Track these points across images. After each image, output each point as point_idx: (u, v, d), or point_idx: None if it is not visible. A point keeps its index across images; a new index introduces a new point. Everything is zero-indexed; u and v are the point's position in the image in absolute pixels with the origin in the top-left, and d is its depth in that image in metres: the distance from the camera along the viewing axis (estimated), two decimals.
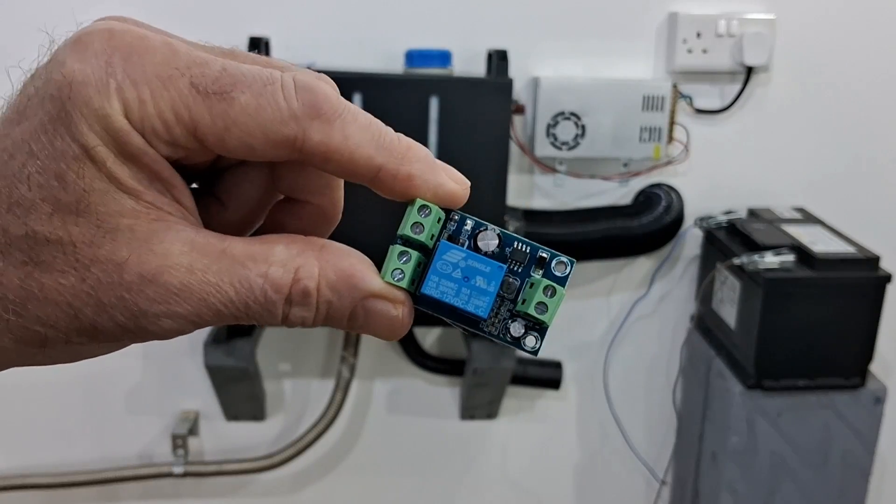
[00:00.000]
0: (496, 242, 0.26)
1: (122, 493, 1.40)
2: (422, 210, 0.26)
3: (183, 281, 0.23)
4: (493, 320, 0.27)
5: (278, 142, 0.24)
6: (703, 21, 1.22)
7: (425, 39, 1.20)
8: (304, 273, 0.24)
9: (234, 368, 1.20)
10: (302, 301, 0.25)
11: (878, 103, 1.31)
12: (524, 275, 0.27)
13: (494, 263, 0.26)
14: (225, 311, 0.24)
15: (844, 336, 1.14)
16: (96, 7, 1.22)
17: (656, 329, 1.39)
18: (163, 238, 0.23)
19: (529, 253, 0.27)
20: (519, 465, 1.46)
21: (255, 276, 0.24)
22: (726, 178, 1.31)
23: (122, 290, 0.23)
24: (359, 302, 0.25)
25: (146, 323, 0.23)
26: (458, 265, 0.26)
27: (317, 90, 0.24)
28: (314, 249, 0.25)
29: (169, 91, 0.23)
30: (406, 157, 0.26)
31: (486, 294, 0.26)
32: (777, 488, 1.20)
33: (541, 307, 0.26)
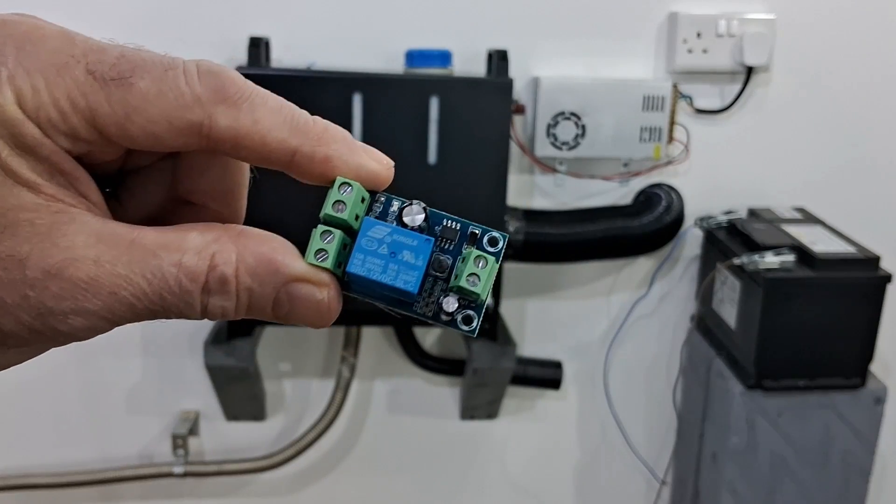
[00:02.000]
0: (422, 217, 0.25)
1: (122, 493, 1.40)
2: (342, 187, 0.25)
3: (90, 274, 0.22)
4: (425, 299, 0.25)
5: (183, 128, 0.23)
6: (703, 21, 1.22)
7: (425, 39, 1.20)
8: (220, 259, 0.23)
9: (235, 368, 1.20)
10: (220, 289, 0.23)
11: (878, 103, 1.31)
12: (456, 252, 0.26)
13: (421, 236, 0.25)
14: (139, 305, 0.22)
15: (844, 336, 1.14)
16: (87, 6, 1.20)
17: (656, 329, 1.39)
18: (66, 231, 0.22)
19: (460, 230, 0.26)
20: (519, 465, 1.46)
21: (168, 265, 0.22)
22: (726, 178, 1.31)
23: (25, 288, 0.21)
24: (281, 287, 0.24)
25: (55, 322, 0.22)
26: (384, 241, 0.25)
27: (221, 74, 0.23)
28: (231, 235, 0.24)
29: (64, 79, 0.22)
30: (323, 139, 0.24)
31: (415, 269, 0.24)
32: (777, 488, 1.20)
33: (472, 279, 0.25)
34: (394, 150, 1.11)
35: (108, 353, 1.32)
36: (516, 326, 1.35)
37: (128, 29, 1.17)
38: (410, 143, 1.12)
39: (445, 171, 1.13)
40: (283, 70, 1.15)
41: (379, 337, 1.36)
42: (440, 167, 1.13)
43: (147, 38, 1.32)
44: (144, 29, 1.17)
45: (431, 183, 1.13)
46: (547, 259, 1.27)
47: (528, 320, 1.37)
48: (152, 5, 1.17)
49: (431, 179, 1.13)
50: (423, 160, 1.12)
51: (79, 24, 0.92)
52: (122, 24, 1.17)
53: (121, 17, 1.17)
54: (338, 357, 1.33)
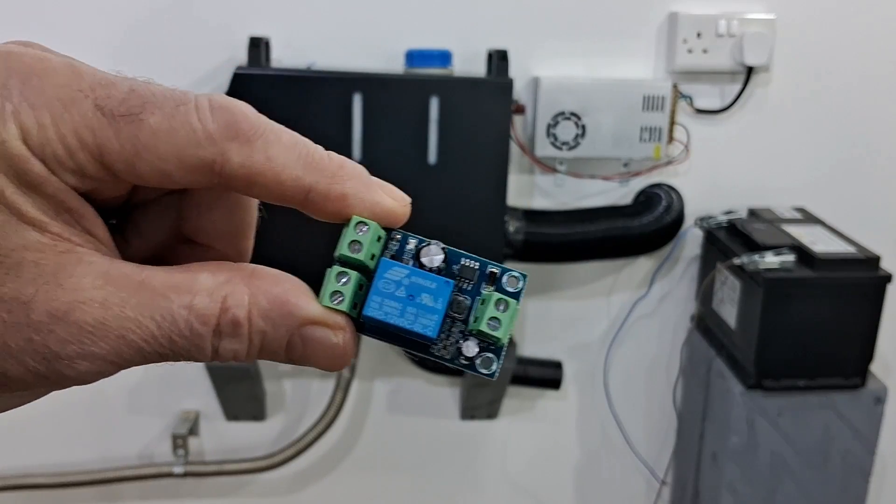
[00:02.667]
0: (441, 258, 0.24)
1: (122, 493, 1.40)
2: (359, 227, 0.24)
3: (97, 317, 0.21)
4: (443, 342, 0.25)
5: (195, 166, 0.22)
6: (703, 21, 1.22)
7: (425, 39, 1.20)
8: (232, 301, 0.22)
9: (235, 368, 1.20)
10: (232, 332, 0.22)
11: (878, 103, 1.31)
12: (474, 293, 0.25)
13: (441, 279, 0.24)
14: (147, 349, 0.22)
15: (845, 336, 1.14)
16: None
17: (656, 329, 1.39)
18: (73, 272, 0.21)
19: (478, 269, 0.25)
20: (519, 465, 1.46)
21: (179, 307, 0.22)
22: (726, 178, 1.31)
23: (29, 332, 0.21)
24: (295, 330, 0.23)
25: (60, 367, 0.21)
26: (402, 283, 0.24)
27: (234, 109, 0.22)
28: (243, 276, 0.23)
29: (71, 114, 0.21)
30: (338, 176, 0.24)
31: (434, 312, 0.24)
32: (777, 488, 1.20)
33: (493, 323, 0.24)
34: (394, 150, 1.12)
35: None
36: (516, 326, 1.35)
37: (128, 29, 1.17)
38: (410, 143, 1.12)
39: (445, 171, 1.13)
40: (283, 70, 1.15)
41: None
42: (440, 167, 1.13)
43: (147, 39, 1.32)
44: (145, 29, 1.17)
45: (431, 183, 1.13)
46: (547, 259, 1.27)
47: (528, 320, 1.37)
48: (152, 5, 1.17)
49: (431, 179, 1.13)
50: (423, 160, 1.12)
51: (79, 25, 0.93)
52: (123, 25, 1.17)
53: (121, 17, 1.17)
54: None
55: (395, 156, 1.12)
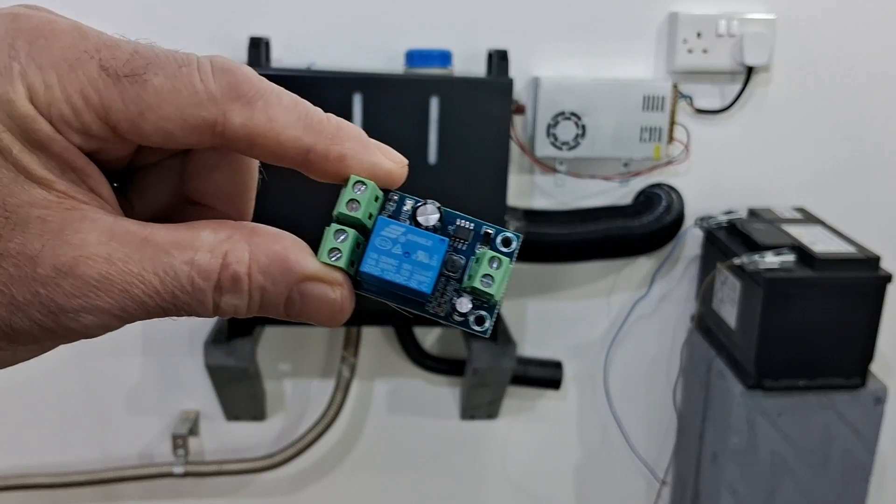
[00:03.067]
0: (437, 217, 0.25)
1: (122, 493, 1.40)
2: (357, 186, 0.24)
3: (102, 272, 0.22)
4: (438, 299, 0.25)
5: (197, 126, 0.23)
6: (703, 21, 1.22)
7: (425, 39, 1.20)
8: (233, 258, 0.23)
9: (235, 368, 1.20)
10: (233, 288, 0.23)
11: (878, 103, 1.31)
12: (469, 252, 0.26)
13: (436, 237, 0.25)
14: (150, 303, 0.22)
15: (845, 336, 1.14)
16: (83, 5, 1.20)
17: (656, 329, 1.39)
18: (78, 228, 0.22)
19: (473, 230, 0.26)
20: (519, 465, 1.46)
21: (181, 263, 0.22)
22: (726, 178, 1.31)
23: (36, 286, 0.21)
24: (294, 286, 0.24)
25: (66, 320, 0.22)
26: (398, 240, 0.24)
27: (235, 71, 0.23)
28: (243, 233, 0.23)
29: (77, 74, 0.22)
30: (337, 137, 0.24)
31: (429, 269, 0.24)
32: (777, 488, 1.20)
33: (487, 279, 0.25)
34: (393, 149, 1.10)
35: (109, 353, 1.32)
36: (516, 326, 1.35)
37: (128, 29, 1.17)
38: (410, 143, 1.12)
39: (446, 171, 1.13)
40: (284, 70, 1.15)
41: (379, 337, 1.36)
42: (440, 167, 1.13)
43: (147, 39, 1.33)
44: (144, 29, 1.17)
45: (431, 183, 1.13)
46: (547, 259, 1.27)
47: (528, 320, 1.37)
48: (152, 5, 1.17)
49: (431, 179, 1.13)
50: (424, 160, 1.12)
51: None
52: (123, 25, 1.17)
53: (120, 17, 1.17)
54: (338, 357, 1.33)
55: None
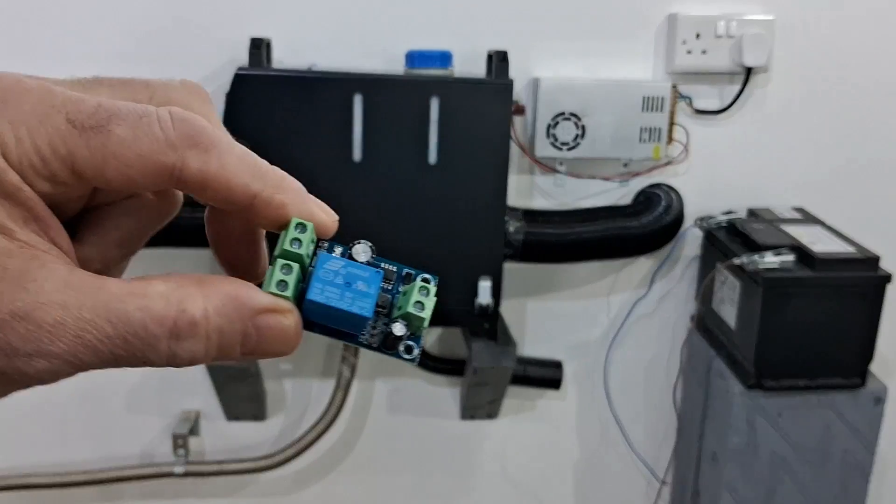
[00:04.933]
0: (369, 253, 0.28)
1: (122, 493, 1.40)
2: (298, 227, 0.26)
3: (56, 318, 0.23)
4: (371, 330, 0.28)
5: (157, 170, 0.24)
6: (702, 22, 1.22)
7: (425, 40, 1.20)
8: (188, 304, 0.24)
9: (235, 368, 1.20)
10: (190, 332, 0.24)
11: (878, 103, 1.31)
12: (394, 291, 0.28)
13: (371, 268, 0.27)
14: (103, 349, 0.23)
15: (844, 336, 1.15)
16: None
17: (656, 329, 1.39)
18: (36, 276, 0.23)
19: (396, 271, 0.28)
20: (519, 465, 1.46)
21: (134, 309, 0.23)
22: (726, 178, 1.31)
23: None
24: (249, 321, 0.25)
25: (19, 363, 0.23)
26: (339, 272, 0.27)
27: (192, 121, 0.25)
28: (192, 280, 0.25)
29: (45, 127, 0.23)
30: (280, 187, 0.26)
31: (368, 296, 0.26)
32: (777, 488, 1.20)
33: (418, 305, 0.27)
34: (394, 150, 1.13)
35: None
36: (516, 326, 1.35)
37: (129, 31, 1.17)
38: (411, 143, 1.12)
39: (446, 171, 1.13)
40: (284, 71, 1.15)
41: None
42: (440, 167, 1.13)
43: (148, 40, 1.32)
44: (145, 30, 1.17)
45: (431, 183, 1.13)
46: (547, 259, 1.27)
47: (528, 320, 1.37)
48: (153, 7, 1.17)
49: (431, 180, 1.13)
50: (424, 160, 1.12)
51: (81, 26, 0.93)
52: (124, 26, 1.17)
53: (122, 19, 1.17)
54: (338, 357, 1.33)
55: (396, 156, 1.12)
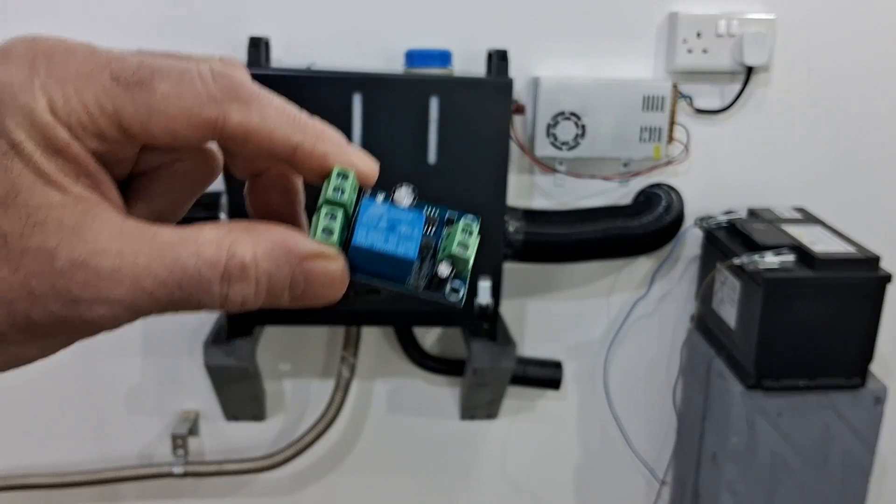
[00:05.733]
0: (411, 197, 0.28)
1: (122, 493, 1.40)
2: (340, 176, 0.27)
3: (114, 265, 0.24)
4: (418, 273, 0.28)
5: (200, 125, 0.25)
6: (703, 21, 1.22)
7: (425, 39, 1.20)
8: (237, 248, 0.25)
9: (234, 368, 1.19)
10: (241, 276, 0.25)
11: (878, 103, 1.31)
12: (437, 235, 0.29)
13: (414, 211, 0.28)
14: (159, 295, 0.24)
15: (844, 336, 1.14)
16: (90, 11, 1.20)
17: (656, 329, 1.39)
18: (91, 226, 0.24)
19: (439, 215, 0.29)
20: (519, 465, 1.46)
21: (187, 255, 0.24)
22: (726, 178, 1.31)
23: (53, 278, 0.23)
24: (297, 266, 0.26)
25: (81, 310, 0.24)
26: (383, 217, 0.27)
27: (232, 76, 0.26)
28: (242, 227, 0.26)
29: (91, 85, 0.24)
30: (321, 137, 0.27)
31: (412, 238, 0.27)
32: (777, 488, 1.20)
33: (462, 246, 0.27)
34: (394, 150, 1.12)
35: (108, 353, 1.32)
36: (516, 326, 1.35)
37: (127, 29, 1.17)
38: (410, 143, 1.12)
39: (445, 171, 1.13)
40: (283, 70, 1.15)
41: (379, 337, 1.36)
42: (440, 167, 1.13)
43: (147, 39, 1.32)
44: (144, 30, 1.17)
45: (431, 183, 1.13)
46: (547, 259, 1.27)
47: (528, 320, 1.37)
48: (152, 6, 1.17)
49: (431, 179, 1.13)
50: (423, 160, 1.12)
51: (79, 26, 0.93)
52: (122, 24, 1.17)
53: (120, 16, 1.17)
54: (338, 357, 1.33)
55: (395, 156, 1.12)
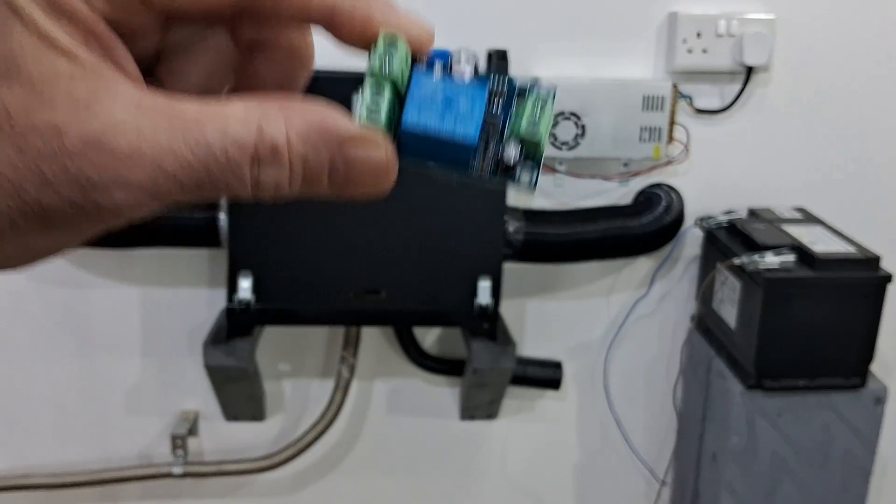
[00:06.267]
0: (471, 69, 0.24)
1: (121, 494, 1.40)
2: (388, 42, 0.23)
3: (132, 143, 0.21)
4: (482, 154, 0.24)
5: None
6: (703, 21, 1.22)
7: None
8: (268, 126, 0.22)
9: (234, 368, 1.19)
10: (272, 159, 0.22)
11: (879, 103, 1.31)
12: (506, 110, 0.24)
13: (476, 85, 0.23)
14: (183, 177, 0.21)
15: (845, 336, 1.14)
16: None
17: (656, 329, 1.39)
18: (103, 98, 0.21)
19: (508, 87, 0.24)
20: (519, 465, 1.46)
21: (213, 133, 0.21)
22: (726, 178, 1.31)
23: (64, 159, 0.20)
24: (336, 151, 0.23)
25: (97, 195, 0.21)
26: (438, 91, 0.23)
27: None
28: (275, 101, 0.22)
29: None
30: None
31: (472, 117, 0.23)
32: (777, 488, 1.20)
33: (532, 126, 0.24)
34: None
35: (108, 353, 1.32)
36: (516, 326, 1.35)
37: None
38: None
39: None
40: None
41: (379, 337, 1.35)
42: None
43: None
44: None
45: (430, 182, 1.13)
46: (547, 259, 1.27)
47: (528, 320, 1.36)
48: None
49: (431, 179, 1.13)
50: None
51: None
52: None
53: None
54: (337, 357, 1.33)
55: None
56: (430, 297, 1.19)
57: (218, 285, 1.27)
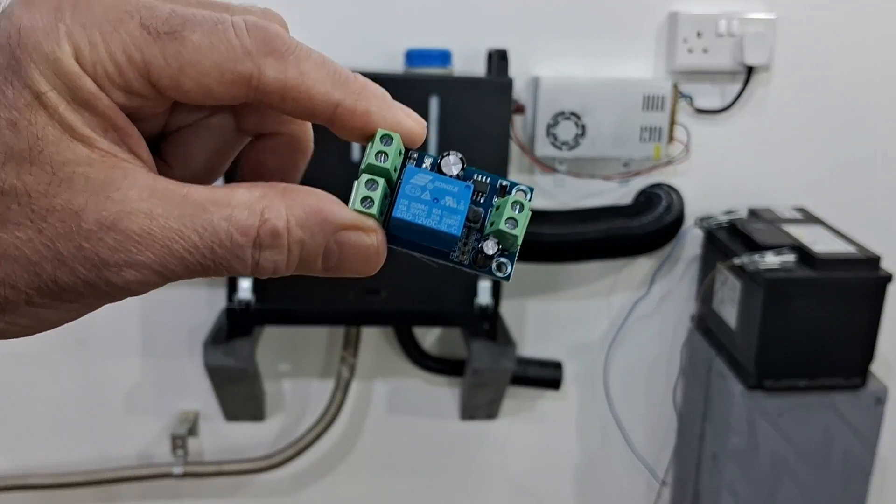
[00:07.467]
0: (460, 167, 0.26)
1: (121, 494, 1.39)
2: (384, 139, 0.25)
3: (143, 227, 0.22)
4: (462, 248, 0.26)
5: (234, 80, 0.23)
6: (703, 21, 1.22)
7: (425, 39, 1.20)
8: (271, 213, 0.23)
9: (234, 368, 1.19)
10: (272, 243, 0.24)
11: (879, 103, 1.31)
12: (487, 205, 0.27)
13: (461, 182, 0.26)
14: (190, 259, 0.23)
15: (845, 336, 1.14)
16: None
17: (656, 329, 1.39)
18: (120, 185, 0.22)
19: (490, 183, 0.27)
20: (519, 465, 1.46)
21: (220, 219, 0.23)
22: (727, 178, 1.31)
23: (80, 240, 0.22)
24: (331, 236, 0.24)
25: (109, 274, 0.22)
26: (426, 188, 0.25)
27: (268, 28, 0.24)
28: (277, 191, 0.24)
29: (119, 33, 0.22)
30: (363, 94, 0.25)
31: (457, 213, 0.25)
32: (778, 489, 1.20)
33: (511, 222, 0.26)
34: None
35: (108, 353, 1.32)
36: (516, 326, 1.35)
37: None
38: None
39: None
40: None
41: (379, 337, 1.35)
42: None
43: None
44: None
45: None
46: (547, 259, 1.27)
47: (528, 320, 1.36)
48: None
49: None
50: None
51: None
52: None
53: None
54: (337, 357, 1.33)
55: None
56: (430, 297, 1.19)
57: (218, 285, 1.27)
